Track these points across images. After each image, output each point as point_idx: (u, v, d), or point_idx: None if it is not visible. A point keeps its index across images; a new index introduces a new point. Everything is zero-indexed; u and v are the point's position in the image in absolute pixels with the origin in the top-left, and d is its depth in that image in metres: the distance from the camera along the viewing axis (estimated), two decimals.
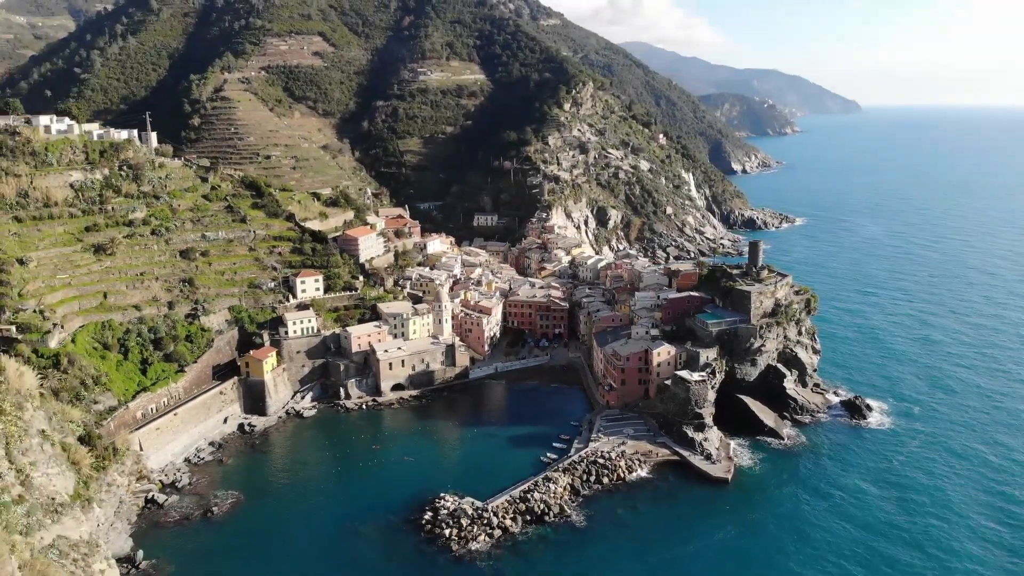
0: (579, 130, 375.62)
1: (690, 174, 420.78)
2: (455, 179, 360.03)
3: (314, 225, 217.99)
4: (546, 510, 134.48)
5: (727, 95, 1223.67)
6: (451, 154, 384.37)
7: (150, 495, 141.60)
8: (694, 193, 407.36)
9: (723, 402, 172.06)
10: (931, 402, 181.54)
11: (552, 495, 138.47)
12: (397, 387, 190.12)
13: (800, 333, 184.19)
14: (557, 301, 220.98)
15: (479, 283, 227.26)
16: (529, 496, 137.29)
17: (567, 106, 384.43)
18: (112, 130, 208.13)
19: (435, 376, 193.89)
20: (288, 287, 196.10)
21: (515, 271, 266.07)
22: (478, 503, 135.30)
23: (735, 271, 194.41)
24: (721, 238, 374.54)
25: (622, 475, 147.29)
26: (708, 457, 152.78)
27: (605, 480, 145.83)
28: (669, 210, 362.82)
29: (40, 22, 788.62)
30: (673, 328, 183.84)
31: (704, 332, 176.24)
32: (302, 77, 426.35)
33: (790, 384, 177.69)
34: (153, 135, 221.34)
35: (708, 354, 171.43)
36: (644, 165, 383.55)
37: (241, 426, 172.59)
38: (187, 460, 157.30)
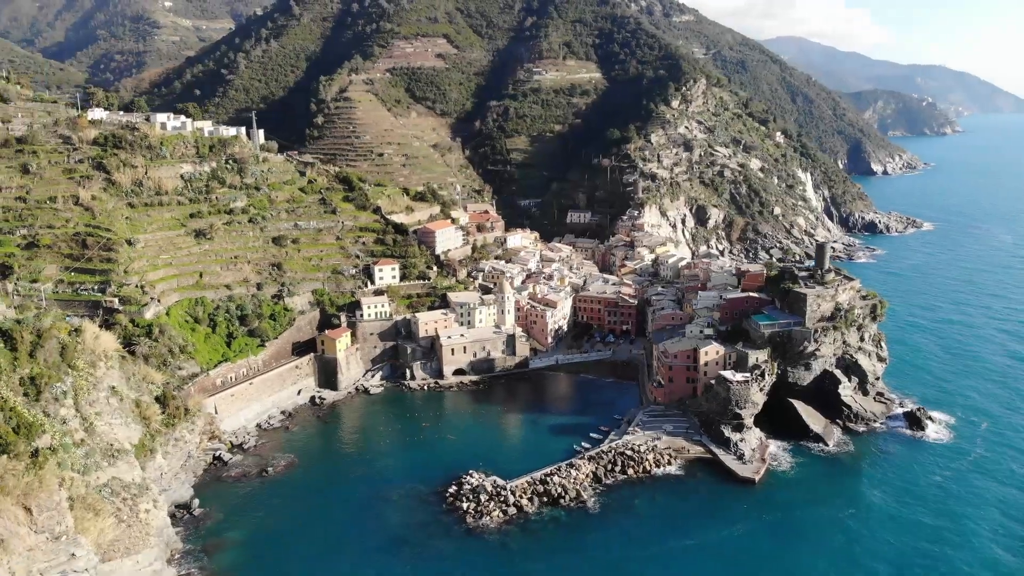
0: (686, 127, 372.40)
1: (807, 174, 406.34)
2: (557, 177, 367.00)
3: (400, 218, 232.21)
4: (563, 493, 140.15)
5: (880, 92, 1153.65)
6: (557, 152, 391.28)
7: (218, 453, 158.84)
8: (810, 194, 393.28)
9: (774, 405, 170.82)
10: (1002, 420, 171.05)
11: (572, 480, 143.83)
12: (459, 372, 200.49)
13: (863, 339, 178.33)
14: (626, 298, 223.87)
15: (550, 277, 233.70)
16: (549, 479, 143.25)
17: (675, 103, 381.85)
18: (222, 127, 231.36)
19: (495, 364, 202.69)
20: (367, 274, 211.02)
21: (597, 268, 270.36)
22: (500, 481, 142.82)
23: (802, 274, 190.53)
24: (833, 241, 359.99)
25: (648, 468, 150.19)
26: (740, 457, 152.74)
27: (630, 471, 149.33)
28: (777, 210, 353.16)
29: (204, 25, 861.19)
30: (729, 328, 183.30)
31: (756, 333, 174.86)
32: (423, 78, 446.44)
33: (846, 391, 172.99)
34: (260, 132, 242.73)
35: (758, 355, 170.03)
36: (755, 164, 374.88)
37: (312, 398, 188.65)
38: (258, 425, 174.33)
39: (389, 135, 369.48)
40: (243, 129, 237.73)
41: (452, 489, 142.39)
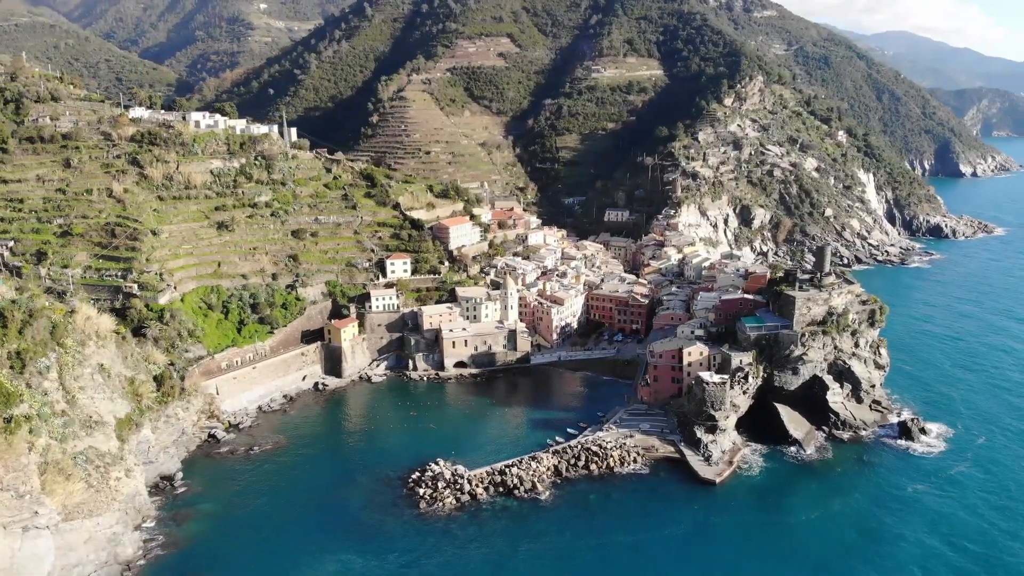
0: (738, 125, 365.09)
1: (870, 174, 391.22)
2: (603, 175, 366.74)
3: (421, 214, 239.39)
4: (518, 484, 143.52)
5: (986, 90, 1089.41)
6: (608, 150, 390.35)
7: (213, 431, 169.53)
8: (870, 195, 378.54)
9: (760, 409, 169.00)
10: (1001, 438, 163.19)
11: (531, 473, 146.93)
12: (460, 364, 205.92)
13: (857, 345, 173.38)
14: (637, 297, 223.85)
15: (564, 275, 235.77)
16: (508, 471, 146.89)
17: (729, 101, 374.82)
18: (253, 125, 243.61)
19: (496, 358, 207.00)
20: (380, 267, 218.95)
21: (623, 267, 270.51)
22: (462, 470, 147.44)
23: (805, 276, 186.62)
24: (889, 244, 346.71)
25: (612, 465, 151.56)
26: (708, 459, 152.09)
27: (593, 467, 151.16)
28: (829, 212, 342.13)
29: (296, 26, 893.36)
30: (723, 330, 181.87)
31: (743, 335, 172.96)
32: (482, 77, 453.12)
33: (835, 397, 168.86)
34: (293, 130, 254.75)
35: (742, 358, 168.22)
36: (810, 163, 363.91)
37: (316, 384, 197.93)
38: (259, 408, 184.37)
39: (438, 134, 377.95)
40: (275, 127, 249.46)
41: (415, 475, 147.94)
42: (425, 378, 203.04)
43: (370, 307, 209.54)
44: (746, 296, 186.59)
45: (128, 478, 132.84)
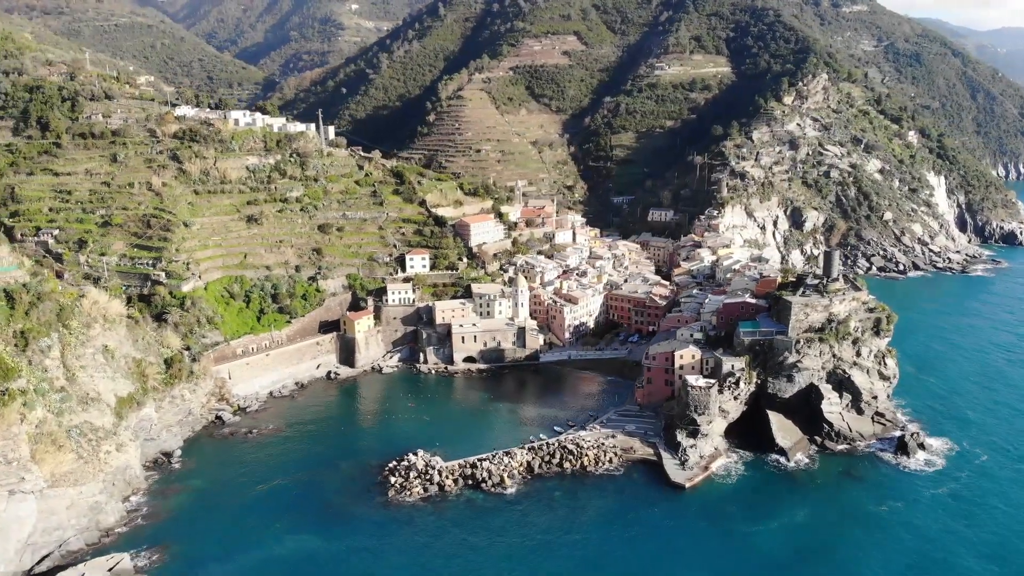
0: (797, 124, 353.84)
1: (940, 177, 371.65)
2: (655, 174, 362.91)
3: (447, 211, 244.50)
4: (486, 478, 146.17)
5: None
6: (664, 148, 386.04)
7: (220, 413, 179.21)
8: (939, 199, 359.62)
9: (754, 415, 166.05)
10: (1004, 457, 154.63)
11: (503, 467, 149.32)
12: (469, 359, 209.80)
13: (859, 354, 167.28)
14: (655, 298, 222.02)
15: (584, 274, 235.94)
16: (479, 464, 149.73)
17: (789, 99, 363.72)
18: (289, 124, 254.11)
19: (505, 354, 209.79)
20: (400, 262, 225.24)
21: (654, 267, 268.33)
22: (436, 461, 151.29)
23: (814, 282, 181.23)
24: (953, 251, 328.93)
25: (586, 464, 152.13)
26: (683, 463, 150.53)
27: (566, 465, 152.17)
28: (888, 215, 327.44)
29: (385, 26, 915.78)
30: (722, 334, 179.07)
31: (738, 340, 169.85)
32: (544, 76, 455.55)
33: (831, 408, 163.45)
34: (330, 128, 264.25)
35: (734, 363, 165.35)
36: (873, 165, 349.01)
37: (329, 373, 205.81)
38: (271, 393, 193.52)
39: (490, 132, 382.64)
40: (312, 125, 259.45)
41: (392, 464, 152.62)
42: (434, 371, 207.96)
43: (386, 300, 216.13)
44: (748, 300, 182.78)
45: (119, 452, 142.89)
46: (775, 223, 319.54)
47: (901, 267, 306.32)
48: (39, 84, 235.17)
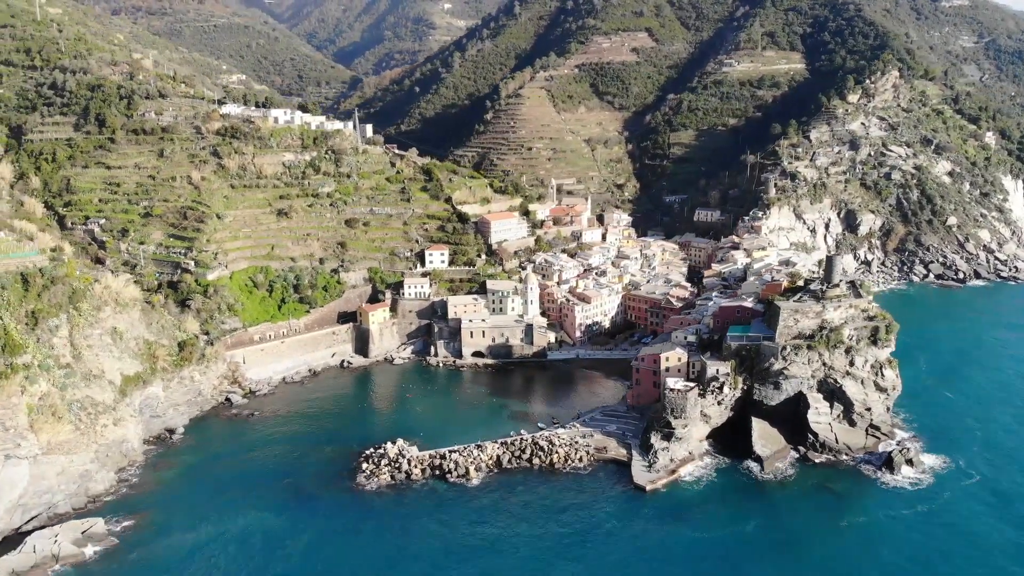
0: (862, 123, 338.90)
1: (1018, 181, 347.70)
2: (714, 173, 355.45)
3: (474, 209, 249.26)
4: (452, 469, 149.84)
5: None
6: (725, 147, 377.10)
7: (231, 395, 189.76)
8: (1014, 204, 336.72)
9: (741, 421, 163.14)
10: (997, 478, 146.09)
11: (471, 459, 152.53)
12: (478, 354, 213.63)
13: (852, 364, 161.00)
14: (671, 300, 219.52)
15: (603, 273, 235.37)
16: (449, 455, 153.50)
17: (854, 97, 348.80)
18: (326, 122, 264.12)
19: (513, 351, 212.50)
20: (420, 257, 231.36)
21: (686, 269, 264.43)
22: (411, 450, 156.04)
23: (816, 287, 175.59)
24: (1022, 260, 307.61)
25: (555, 461, 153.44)
26: (651, 465, 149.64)
27: (535, 461, 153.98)
28: (952, 220, 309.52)
29: (477, 25, 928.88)
30: (716, 337, 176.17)
31: (725, 344, 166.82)
32: (609, 73, 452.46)
33: (818, 418, 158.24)
34: (368, 127, 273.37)
35: (719, 367, 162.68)
36: (942, 167, 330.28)
37: (342, 362, 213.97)
38: (283, 379, 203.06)
39: (544, 130, 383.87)
40: (350, 123, 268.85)
41: (369, 451, 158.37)
42: (443, 365, 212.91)
43: (403, 294, 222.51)
44: (744, 304, 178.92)
45: (116, 426, 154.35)
46: (827, 226, 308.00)
47: (961, 275, 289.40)
48: (100, 83, 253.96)
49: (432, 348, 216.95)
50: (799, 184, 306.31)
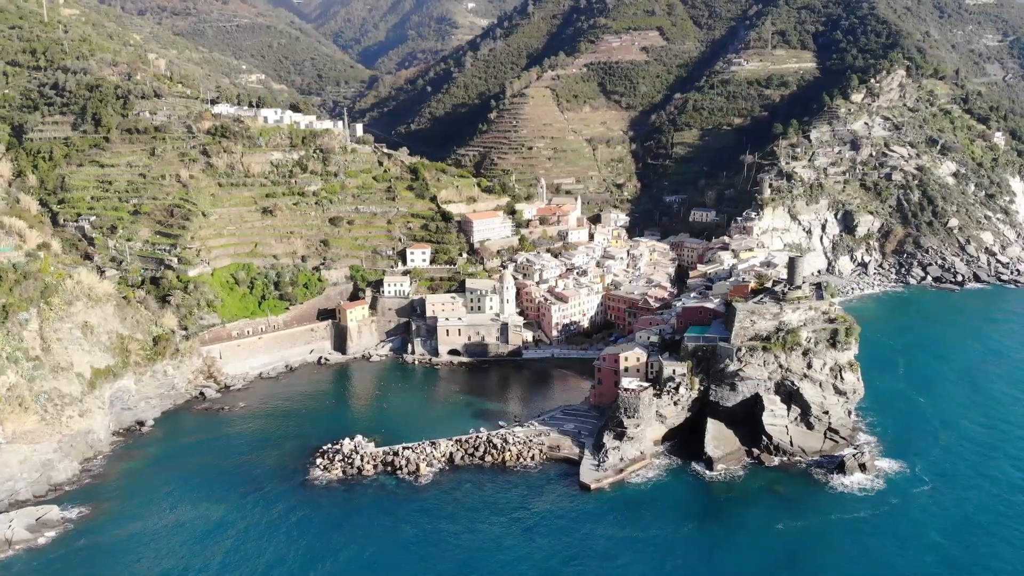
0: (865, 123, 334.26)
1: None
2: (716, 173, 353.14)
3: (460, 208, 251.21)
4: (403, 465, 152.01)
5: None
6: (729, 147, 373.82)
7: (204, 390, 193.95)
8: (1020, 206, 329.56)
9: (700, 422, 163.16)
10: (949, 486, 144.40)
11: (423, 456, 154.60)
12: (454, 352, 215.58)
13: (810, 366, 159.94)
14: (648, 300, 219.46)
15: (584, 273, 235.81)
16: (401, 452, 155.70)
17: (858, 96, 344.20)
18: (315, 121, 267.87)
19: (489, 349, 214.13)
20: (401, 256, 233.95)
21: (673, 269, 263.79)
22: (365, 446, 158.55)
23: (780, 288, 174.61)
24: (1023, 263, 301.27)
25: (506, 459, 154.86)
26: (599, 465, 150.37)
27: (488, 459, 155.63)
28: (953, 222, 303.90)
29: (493, 23, 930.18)
30: (677, 338, 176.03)
31: (683, 345, 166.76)
32: (618, 72, 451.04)
33: (773, 420, 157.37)
34: (359, 126, 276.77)
35: (675, 368, 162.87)
36: (946, 168, 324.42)
37: (320, 359, 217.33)
38: (260, 374, 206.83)
39: (546, 130, 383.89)
40: (339, 122, 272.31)
41: (327, 447, 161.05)
42: (419, 362, 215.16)
43: (383, 292, 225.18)
44: (706, 305, 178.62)
45: (82, 418, 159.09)
46: (823, 227, 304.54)
47: (959, 278, 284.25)
48: (99, 83, 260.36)
49: (409, 346, 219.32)
50: (795, 185, 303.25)
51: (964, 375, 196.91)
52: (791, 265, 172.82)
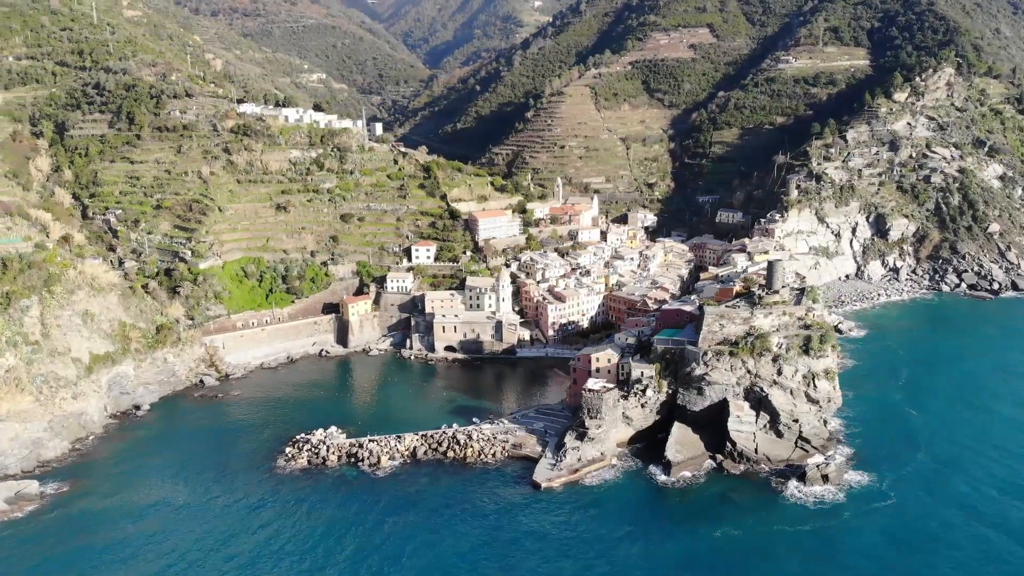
0: (908, 122, 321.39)
1: None
2: (748, 173, 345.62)
3: (470, 206, 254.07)
4: (366, 457, 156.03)
5: None
6: (772, 145, 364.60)
7: (204, 377, 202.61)
8: None
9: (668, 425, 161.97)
10: (914, 502, 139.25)
11: (387, 449, 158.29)
12: (450, 348, 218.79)
13: (780, 373, 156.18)
14: (648, 301, 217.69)
15: (587, 273, 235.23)
16: (366, 444, 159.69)
17: (902, 95, 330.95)
18: (335, 120, 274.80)
19: (484, 346, 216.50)
20: (407, 253, 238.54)
21: (687, 272, 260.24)
22: (334, 438, 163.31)
23: (757, 292, 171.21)
24: None
25: (468, 455, 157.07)
26: (556, 464, 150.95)
27: (450, 454, 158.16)
28: (994, 227, 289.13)
29: (548, 21, 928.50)
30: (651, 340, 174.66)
31: (653, 347, 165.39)
32: (663, 70, 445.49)
33: (739, 426, 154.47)
34: (379, 125, 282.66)
35: (644, 370, 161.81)
36: (993, 170, 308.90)
37: (321, 351, 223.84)
38: (261, 365, 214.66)
39: (580, 128, 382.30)
40: (360, 122, 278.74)
41: (299, 436, 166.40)
42: (416, 358, 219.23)
43: (386, 287, 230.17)
44: (682, 308, 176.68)
45: (76, 400, 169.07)
46: (853, 230, 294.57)
47: (996, 285, 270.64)
48: (135, 83, 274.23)
49: (408, 341, 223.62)
50: (823, 186, 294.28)
51: (966, 390, 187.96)
52: (770, 269, 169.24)
